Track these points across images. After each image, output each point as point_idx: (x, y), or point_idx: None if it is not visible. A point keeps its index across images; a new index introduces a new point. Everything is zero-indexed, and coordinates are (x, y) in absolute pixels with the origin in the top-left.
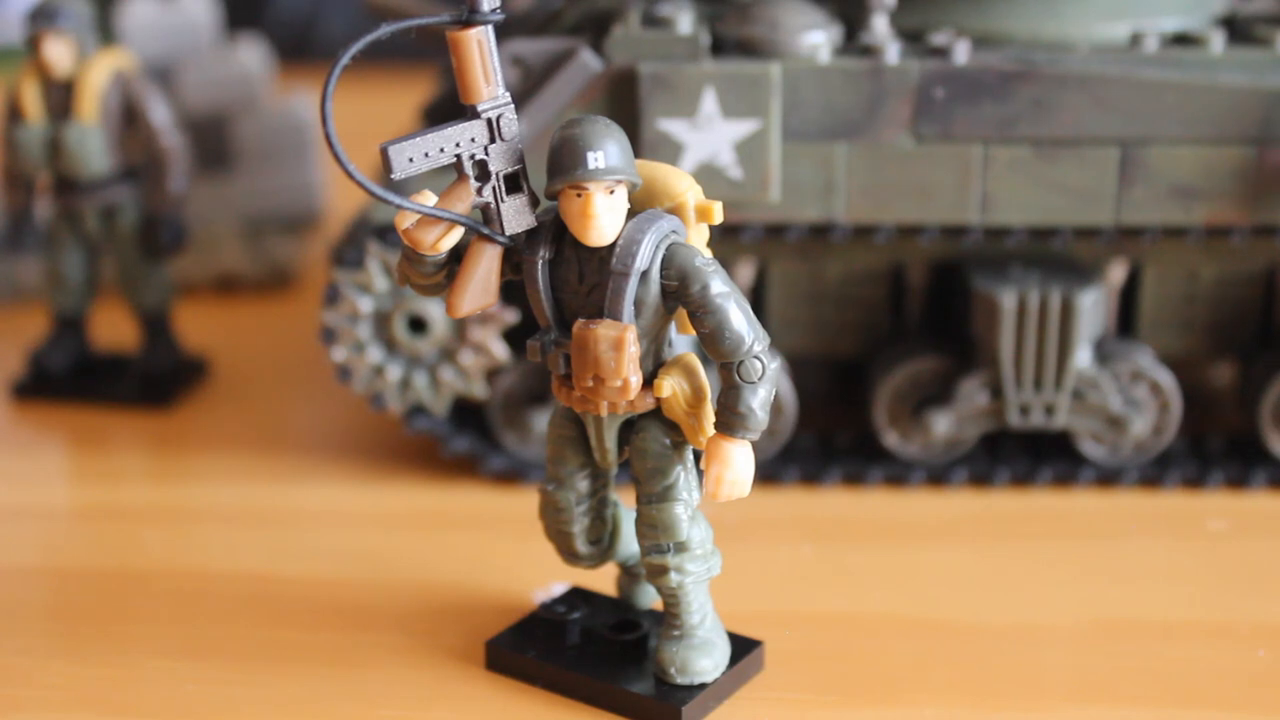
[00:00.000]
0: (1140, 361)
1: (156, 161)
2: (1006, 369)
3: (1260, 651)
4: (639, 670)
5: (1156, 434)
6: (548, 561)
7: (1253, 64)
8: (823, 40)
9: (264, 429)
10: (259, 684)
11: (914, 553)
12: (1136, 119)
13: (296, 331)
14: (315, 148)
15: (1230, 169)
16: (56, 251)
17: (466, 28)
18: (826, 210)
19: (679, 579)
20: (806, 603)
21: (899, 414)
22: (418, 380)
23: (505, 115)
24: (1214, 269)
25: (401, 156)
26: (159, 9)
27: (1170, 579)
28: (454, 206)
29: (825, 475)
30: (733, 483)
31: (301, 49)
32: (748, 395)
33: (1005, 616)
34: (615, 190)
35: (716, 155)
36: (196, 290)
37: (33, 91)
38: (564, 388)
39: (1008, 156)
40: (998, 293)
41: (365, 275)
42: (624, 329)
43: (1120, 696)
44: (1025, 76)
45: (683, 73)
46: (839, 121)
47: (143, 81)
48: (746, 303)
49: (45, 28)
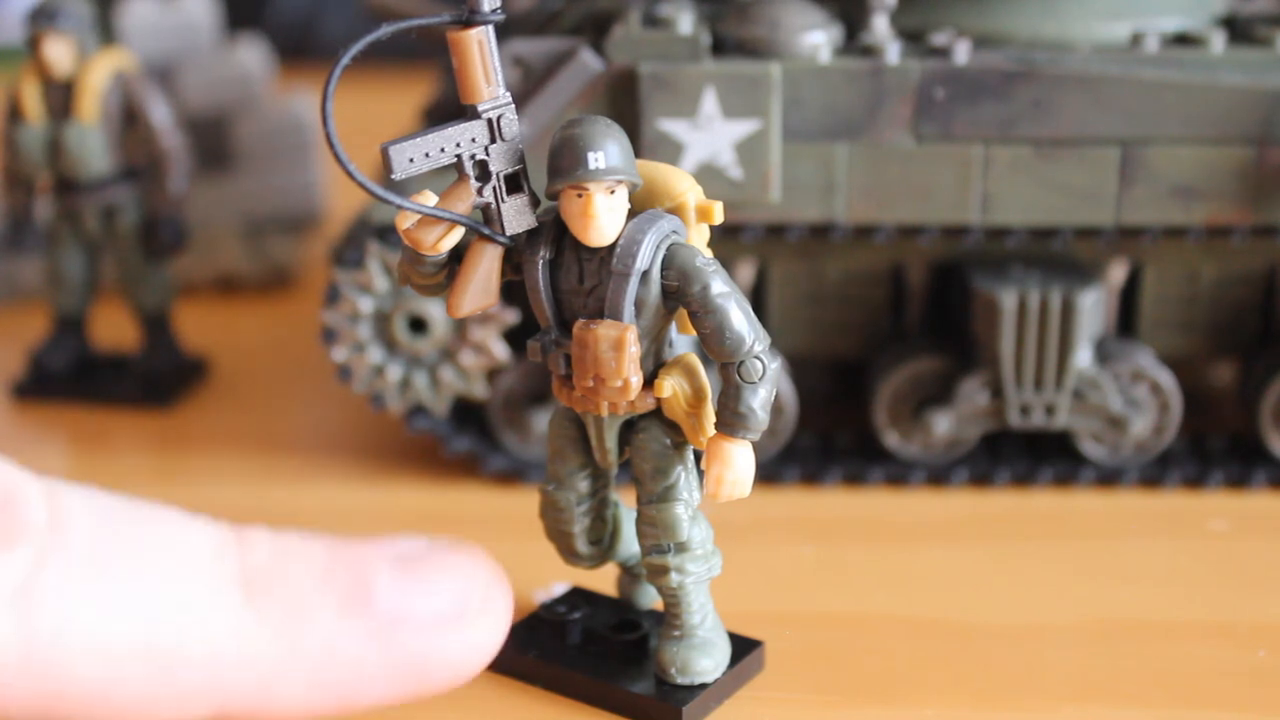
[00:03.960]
0: (1141, 361)
1: (157, 162)
2: (1007, 369)
3: (1261, 651)
4: (640, 670)
5: (1157, 434)
6: (548, 561)
7: (1253, 64)
8: (823, 40)
9: (264, 429)
10: None
11: (914, 553)
12: (1137, 119)
13: (297, 331)
14: (315, 148)
15: (1230, 169)
16: (57, 252)
17: (467, 28)
18: (827, 210)
19: (679, 579)
20: (807, 603)
21: (899, 414)
22: (418, 380)
23: (506, 115)
24: (1214, 269)
25: (402, 157)
26: (159, 9)
27: (1170, 579)
28: (454, 207)
29: (826, 475)
30: (733, 483)
31: (301, 49)
32: (748, 395)
33: (1006, 616)
34: (616, 190)
35: (717, 155)
36: (197, 290)
37: (33, 92)
38: (565, 388)
39: (1008, 156)
40: (998, 293)
41: (366, 275)
42: (624, 329)
43: (1121, 696)
44: (1026, 76)
45: (683, 73)
46: (839, 121)
47: (143, 82)
48: (747, 303)
49: (45, 28)
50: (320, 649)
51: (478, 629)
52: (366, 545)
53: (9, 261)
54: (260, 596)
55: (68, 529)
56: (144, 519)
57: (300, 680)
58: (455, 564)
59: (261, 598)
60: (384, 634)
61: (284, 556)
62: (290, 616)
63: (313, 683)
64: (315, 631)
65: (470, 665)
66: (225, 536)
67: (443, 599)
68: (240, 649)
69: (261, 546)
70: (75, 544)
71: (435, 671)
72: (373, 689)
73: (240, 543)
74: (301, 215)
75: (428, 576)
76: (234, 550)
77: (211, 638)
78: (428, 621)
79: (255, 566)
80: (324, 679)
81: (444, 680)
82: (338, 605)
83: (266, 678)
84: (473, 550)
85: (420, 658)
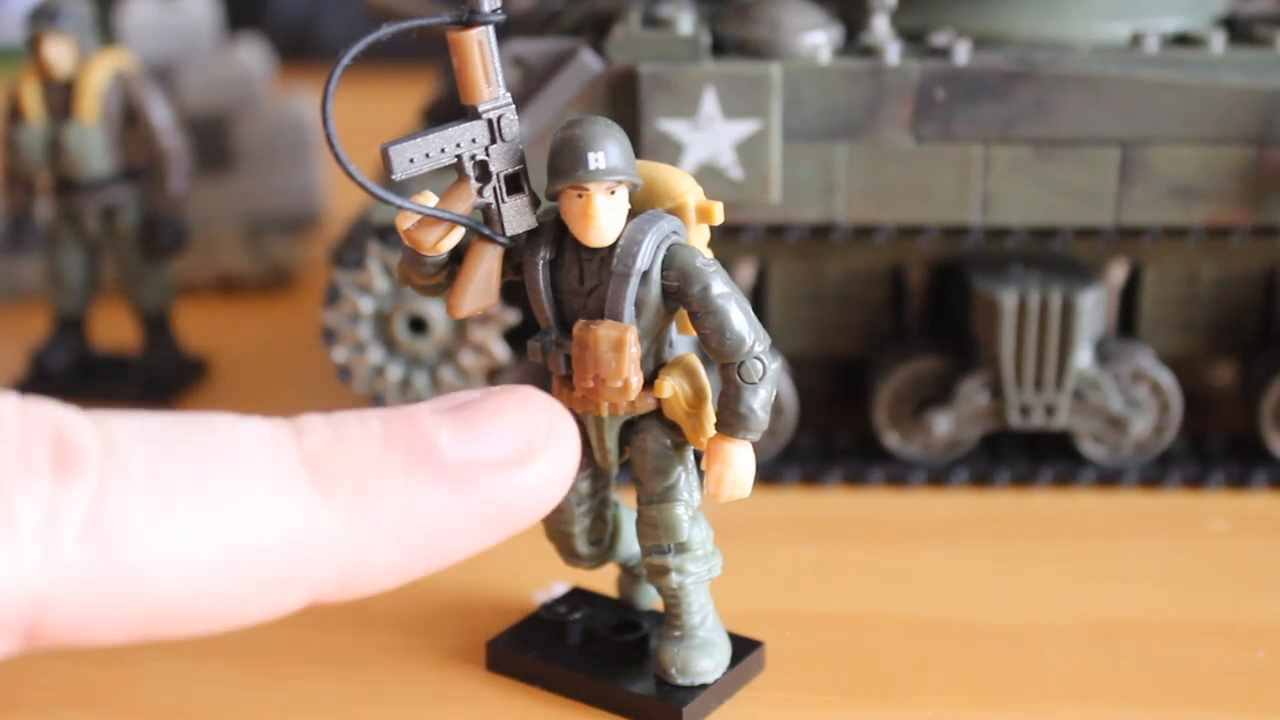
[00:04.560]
0: (1141, 362)
1: (157, 162)
2: (1007, 369)
3: (1260, 651)
4: (640, 671)
5: (1157, 434)
6: (549, 562)
7: (1253, 64)
8: (823, 40)
9: None
10: (259, 685)
11: (914, 553)
12: (1137, 119)
13: (297, 332)
14: (315, 148)
15: (1231, 169)
16: (57, 252)
17: (467, 28)
18: (827, 211)
19: (680, 579)
20: (807, 603)
21: (899, 414)
22: (418, 380)
23: (506, 116)
24: (1214, 269)
25: (402, 157)
26: (159, 9)
27: (1170, 579)
28: (455, 207)
29: (826, 476)
30: (734, 483)
31: (301, 49)
32: (748, 396)
33: (1006, 616)
34: (616, 191)
35: (717, 156)
36: (197, 290)
37: (33, 92)
38: (565, 388)
39: (1008, 157)
40: (998, 293)
41: (366, 275)
42: (625, 329)
43: (1120, 696)
44: (1026, 77)
45: (683, 73)
46: (839, 122)
47: (143, 82)
48: (747, 303)
49: (46, 28)
50: (397, 515)
51: (548, 461)
52: (419, 405)
53: (9, 261)
54: (327, 478)
55: (123, 454)
56: (196, 429)
57: (385, 549)
58: (511, 404)
59: (329, 479)
60: (457, 485)
61: (341, 434)
62: (361, 491)
63: (397, 548)
64: (389, 500)
65: (548, 498)
66: (279, 428)
67: (508, 440)
68: (318, 534)
69: (317, 430)
70: (133, 467)
71: (516, 511)
72: (458, 541)
73: (295, 430)
74: (301, 215)
75: (487, 421)
76: (290, 439)
77: (286, 529)
78: (498, 464)
79: (315, 450)
80: (407, 543)
81: (526, 517)
82: (405, 469)
83: (351, 555)
84: (525, 390)
85: (498, 500)
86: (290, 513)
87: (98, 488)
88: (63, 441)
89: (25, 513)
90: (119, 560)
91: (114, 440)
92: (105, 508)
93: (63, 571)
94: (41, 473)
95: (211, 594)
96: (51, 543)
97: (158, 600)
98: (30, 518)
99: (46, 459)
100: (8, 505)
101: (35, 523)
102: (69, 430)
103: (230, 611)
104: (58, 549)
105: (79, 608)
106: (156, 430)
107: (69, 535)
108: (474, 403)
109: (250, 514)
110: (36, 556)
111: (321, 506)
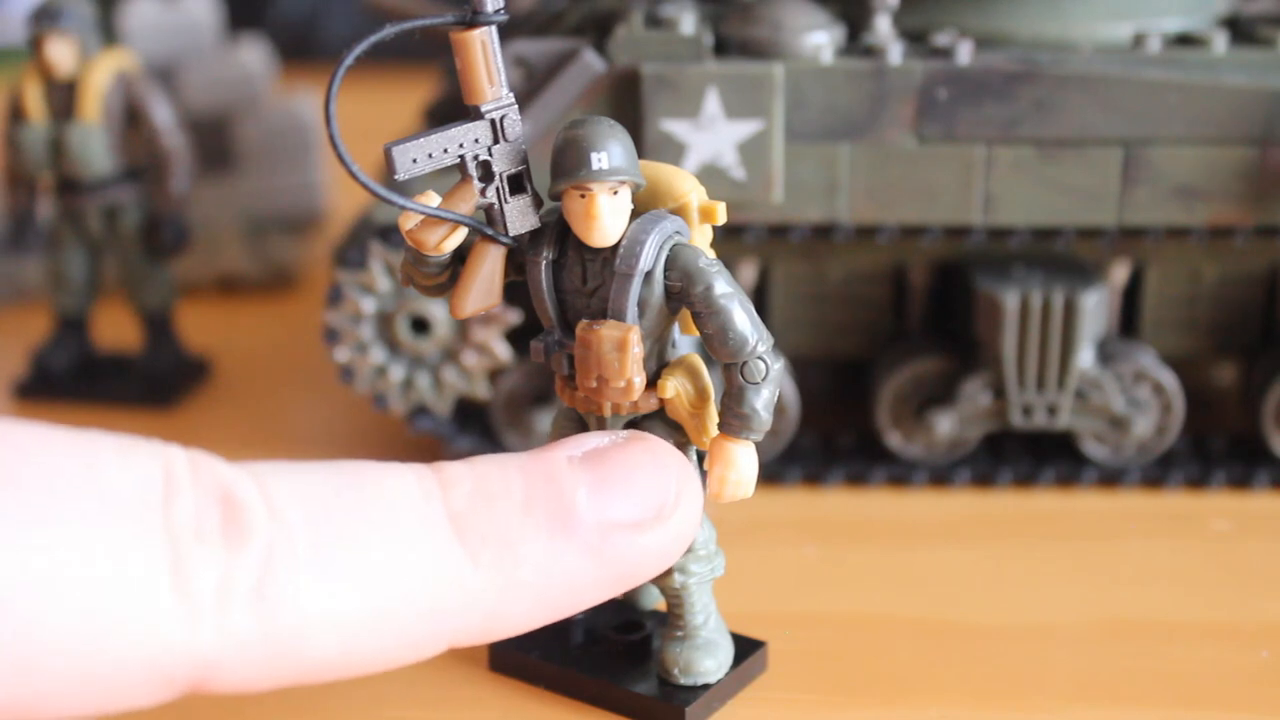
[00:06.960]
0: (1143, 362)
1: (159, 162)
2: (1009, 369)
3: (1264, 652)
4: (643, 671)
5: (1159, 434)
6: None
7: (1255, 64)
8: (825, 41)
9: (266, 429)
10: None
11: (917, 553)
12: (1139, 119)
13: (299, 332)
14: (317, 148)
15: (1233, 169)
16: (59, 252)
17: (470, 28)
18: (829, 211)
19: (683, 579)
20: (810, 603)
21: (902, 414)
22: (421, 381)
23: (509, 116)
24: (1217, 269)
25: (405, 157)
26: (161, 9)
27: (1173, 579)
28: (457, 207)
29: (828, 476)
30: (736, 483)
31: (303, 49)
32: (751, 396)
33: (1008, 617)
34: (619, 191)
35: (719, 156)
36: (199, 290)
37: (35, 92)
38: (567, 388)
39: (1011, 157)
40: (1001, 293)
41: (368, 276)
42: (627, 330)
43: (1123, 697)
44: (1028, 77)
45: (686, 73)
46: (842, 122)
47: (145, 82)
48: (750, 303)
49: (48, 28)
50: (536, 575)
51: (677, 522)
52: (556, 453)
53: (11, 262)
54: (473, 539)
55: (285, 516)
56: (348, 484)
57: (524, 605)
58: (645, 462)
59: (474, 540)
60: (594, 547)
61: (484, 491)
62: (505, 553)
63: (535, 604)
64: (529, 560)
65: (674, 556)
66: (425, 480)
67: (643, 500)
68: (464, 592)
69: (462, 482)
70: (296, 531)
71: (645, 569)
72: (590, 595)
73: (442, 484)
74: (303, 215)
75: (623, 480)
76: (437, 494)
77: (435, 590)
78: (632, 525)
79: (460, 509)
80: (544, 600)
81: (652, 573)
82: (547, 534)
83: (492, 610)
84: (657, 444)
85: (631, 561)
86: (439, 573)
87: (265, 553)
88: (231, 503)
89: (200, 582)
90: (283, 624)
91: (276, 500)
92: (272, 575)
93: (233, 638)
94: (214, 539)
95: (363, 650)
96: (223, 611)
97: (315, 659)
98: (205, 588)
99: (217, 523)
100: (185, 575)
101: (209, 593)
102: (236, 490)
103: (378, 663)
104: (228, 617)
105: (244, 669)
106: (311, 488)
107: (240, 603)
108: (609, 455)
109: (402, 575)
110: (210, 627)
111: (467, 567)
